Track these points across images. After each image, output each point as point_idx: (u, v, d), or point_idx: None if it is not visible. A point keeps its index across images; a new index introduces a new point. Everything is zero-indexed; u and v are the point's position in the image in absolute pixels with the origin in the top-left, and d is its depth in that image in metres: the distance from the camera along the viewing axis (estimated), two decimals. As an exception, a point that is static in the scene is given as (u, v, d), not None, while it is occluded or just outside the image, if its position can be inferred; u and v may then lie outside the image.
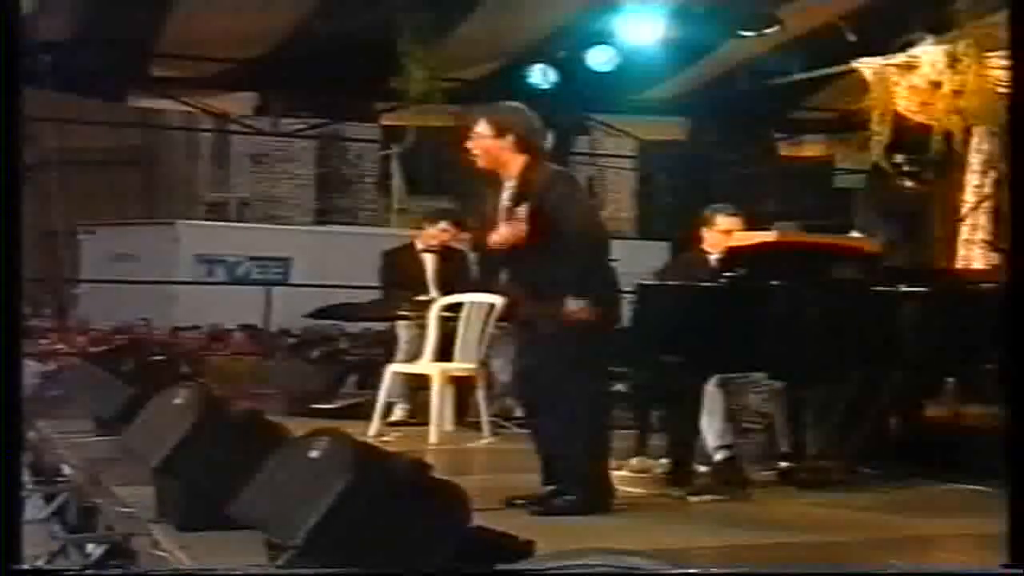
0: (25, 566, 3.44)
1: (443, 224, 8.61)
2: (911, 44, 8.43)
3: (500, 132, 5.21)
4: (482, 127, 5.23)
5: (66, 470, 6.58)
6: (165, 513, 4.75)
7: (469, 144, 5.24)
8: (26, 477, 7.18)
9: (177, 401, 4.92)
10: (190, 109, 11.07)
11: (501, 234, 5.15)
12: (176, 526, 4.60)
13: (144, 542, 4.65)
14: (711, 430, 6.05)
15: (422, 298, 8.17)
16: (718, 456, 6.01)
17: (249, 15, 8.90)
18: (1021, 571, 2.01)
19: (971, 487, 5.95)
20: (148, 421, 5.16)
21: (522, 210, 5.07)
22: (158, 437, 4.81)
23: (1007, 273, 7.31)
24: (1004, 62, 7.82)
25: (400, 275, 8.55)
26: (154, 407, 5.18)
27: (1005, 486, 3.15)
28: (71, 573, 2.98)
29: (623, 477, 5.97)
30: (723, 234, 6.52)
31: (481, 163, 5.24)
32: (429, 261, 8.56)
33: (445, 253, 8.61)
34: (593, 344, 5.11)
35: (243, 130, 13.06)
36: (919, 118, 8.56)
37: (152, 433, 4.97)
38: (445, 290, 8.20)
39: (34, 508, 6.61)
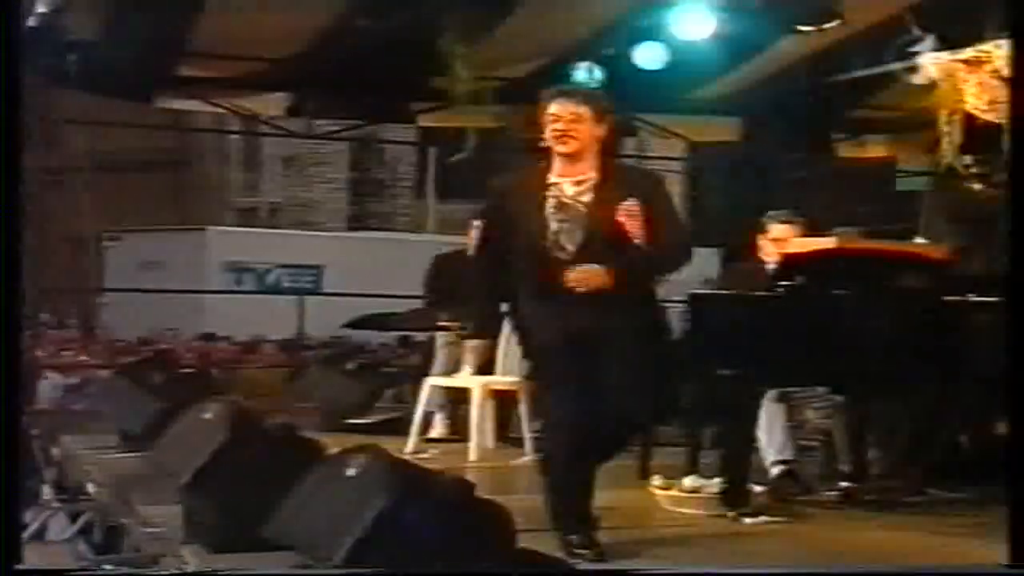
0: (26, 566, 3.46)
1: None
2: (982, 37, 8.34)
3: (599, 118, 4.74)
4: (584, 110, 4.72)
5: (91, 488, 6.60)
6: (195, 533, 4.75)
7: (564, 124, 4.68)
8: (50, 495, 7.23)
9: (207, 416, 4.92)
10: (220, 111, 11.09)
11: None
12: (207, 547, 4.60)
13: (172, 563, 4.66)
14: (770, 446, 6.00)
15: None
16: (776, 471, 5.96)
17: (282, 13, 8.90)
18: (1021, 571, 1.98)
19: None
20: (177, 436, 5.17)
21: (631, 204, 4.67)
22: (188, 453, 4.82)
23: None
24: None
25: (448, 282, 8.48)
26: (184, 422, 5.19)
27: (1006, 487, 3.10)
28: (72, 573, 3.01)
29: (674, 497, 5.94)
30: (779, 243, 6.46)
31: (570, 149, 4.70)
32: None
33: None
34: None
35: (275, 132, 13.08)
36: (989, 117, 8.46)
37: (182, 449, 4.98)
38: None
39: (58, 527, 6.64)
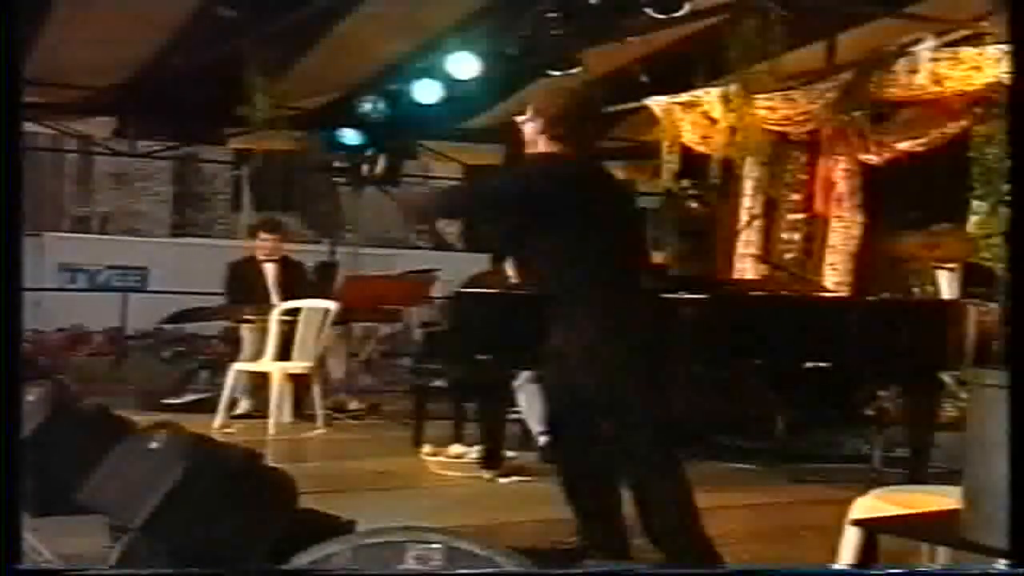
0: (27, 566, 3.29)
1: (263, 234, 8.57)
2: (693, 85, 8.68)
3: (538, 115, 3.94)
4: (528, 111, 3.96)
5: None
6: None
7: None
8: None
9: (30, 398, 4.74)
10: (55, 131, 10.74)
11: None
12: (27, 512, 4.44)
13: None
14: (532, 419, 6.09)
15: (266, 304, 8.07)
16: (542, 440, 6.07)
17: (108, 47, 8.66)
18: (1022, 571, 1.95)
19: (737, 465, 6.19)
20: None
21: None
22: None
23: (776, 282, 7.61)
24: (768, 103, 8.12)
25: (243, 284, 8.42)
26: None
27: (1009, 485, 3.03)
28: (72, 573, 2.87)
29: (441, 462, 6.01)
30: None
31: None
32: (270, 271, 8.46)
33: (283, 263, 8.54)
34: None
35: (103, 151, 12.72)
36: (702, 149, 8.82)
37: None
38: (285, 296, 8.11)
39: None
